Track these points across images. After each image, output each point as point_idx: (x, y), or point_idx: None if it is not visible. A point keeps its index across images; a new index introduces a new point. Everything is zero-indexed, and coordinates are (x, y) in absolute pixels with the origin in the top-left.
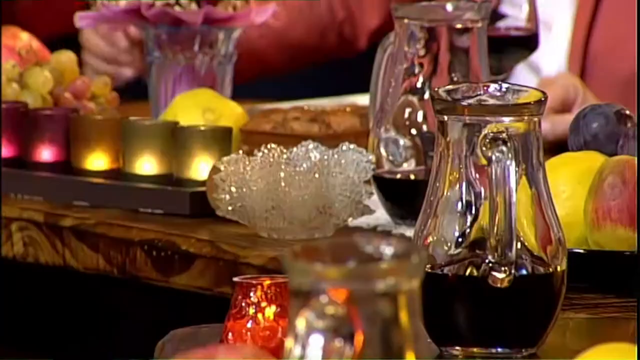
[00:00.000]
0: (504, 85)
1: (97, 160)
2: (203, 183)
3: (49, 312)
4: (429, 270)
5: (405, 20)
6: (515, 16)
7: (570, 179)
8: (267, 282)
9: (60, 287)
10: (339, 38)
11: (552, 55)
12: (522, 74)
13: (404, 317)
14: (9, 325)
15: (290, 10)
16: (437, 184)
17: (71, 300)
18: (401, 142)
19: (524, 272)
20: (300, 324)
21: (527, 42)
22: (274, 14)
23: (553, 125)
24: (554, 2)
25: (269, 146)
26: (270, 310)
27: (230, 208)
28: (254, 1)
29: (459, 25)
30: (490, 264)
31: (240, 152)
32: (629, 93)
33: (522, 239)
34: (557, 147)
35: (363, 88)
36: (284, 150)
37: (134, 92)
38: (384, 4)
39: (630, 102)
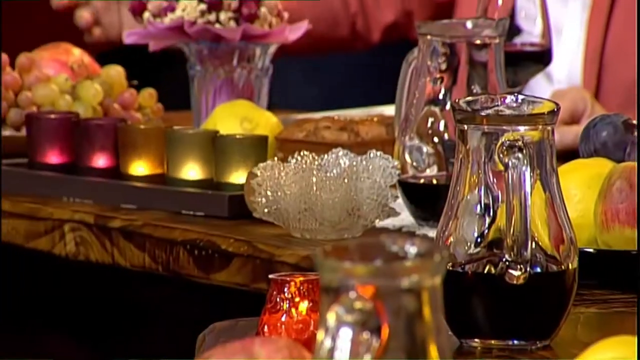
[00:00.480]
0: (520, 97)
1: (143, 166)
2: (241, 187)
3: (98, 306)
4: (450, 268)
5: (428, 37)
6: (529, 31)
7: (581, 183)
8: (300, 279)
9: (109, 284)
10: (351, 29)
11: (563, 61)
12: (535, 81)
13: (426, 311)
14: (62, 318)
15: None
16: (458, 188)
17: (119, 295)
18: (424, 149)
19: (538, 270)
20: (331, 318)
21: (541, 57)
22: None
23: (561, 136)
24: (564, 6)
25: (301, 153)
26: (303, 305)
27: (266, 210)
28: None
29: (477, 41)
30: (507, 263)
31: (275, 158)
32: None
33: (536, 239)
34: (568, 154)
35: (389, 99)
36: (316, 157)
37: (178, 104)
38: (399, 0)
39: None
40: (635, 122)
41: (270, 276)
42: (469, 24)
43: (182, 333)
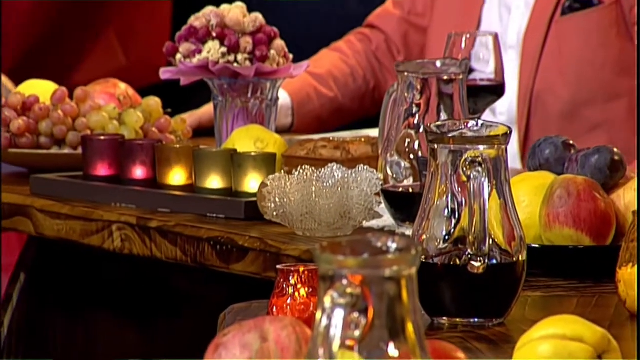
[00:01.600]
0: (479, 122)
1: (176, 178)
2: (254, 195)
3: (139, 291)
4: (423, 261)
5: (405, 74)
6: (481, 70)
7: (529, 192)
8: (302, 269)
9: (148, 273)
10: (372, 101)
11: (504, 99)
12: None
13: (404, 295)
14: (111, 301)
15: (341, 85)
16: (429, 196)
17: (156, 282)
18: (402, 164)
19: (494, 261)
20: (327, 300)
21: (495, 90)
22: (307, 69)
23: None
24: (504, 54)
25: (303, 167)
26: (305, 291)
27: (274, 213)
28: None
29: (445, 77)
30: (469, 256)
31: (282, 172)
32: (564, 124)
33: (493, 236)
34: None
35: (374, 124)
36: (315, 171)
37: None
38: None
39: (565, 131)
40: (572, 142)
41: (278, 267)
42: (438, 63)
43: (207, 313)
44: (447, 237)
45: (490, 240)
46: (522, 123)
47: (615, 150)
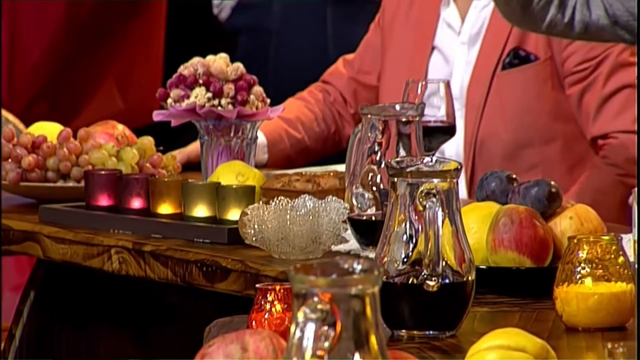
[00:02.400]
0: (434, 158)
1: (167, 208)
2: (236, 222)
3: (135, 307)
4: (385, 280)
5: (369, 116)
6: (433, 114)
7: (477, 220)
8: (278, 287)
9: (143, 291)
10: (333, 143)
11: (452, 142)
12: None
13: (368, 311)
14: (110, 315)
15: (307, 128)
16: (390, 223)
17: (150, 299)
18: (366, 195)
19: (447, 281)
20: (300, 315)
21: (448, 130)
22: (282, 111)
23: None
24: None
25: (279, 198)
26: (280, 307)
27: (254, 239)
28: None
29: (404, 119)
30: (425, 276)
31: (261, 202)
32: (505, 165)
33: (445, 259)
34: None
35: (341, 160)
36: (289, 201)
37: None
38: (354, 117)
39: (508, 169)
40: (515, 176)
41: (257, 285)
42: (397, 107)
43: (195, 326)
44: (405, 260)
45: (444, 262)
46: (469, 164)
47: (553, 182)
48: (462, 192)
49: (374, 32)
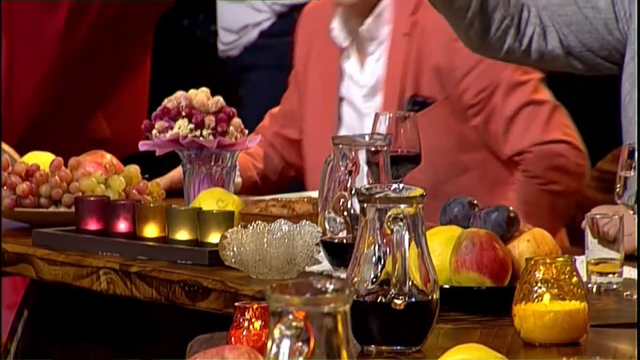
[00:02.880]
0: (401, 185)
1: (152, 231)
2: (216, 245)
3: (122, 324)
4: (355, 299)
5: (340, 146)
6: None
7: (441, 242)
8: (256, 306)
9: (129, 310)
10: (289, 174)
11: None
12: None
13: (340, 328)
14: (98, 332)
15: (265, 161)
16: (360, 246)
17: (136, 317)
18: (338, 220)
19: (413, 299)
20: (276, 332)
21: (413, 159)
22: (259, 143)
23: None
24: None
25: (257, 222)
26: (258, 324)
27: (233, 260)
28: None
29: (372, 149)
30: (392, 295)
31: (239, 226)
32: (429, 202)
33: (411, 279)
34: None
35: (315, 187)
36: (266, 225)
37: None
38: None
39: (431, 205)
40: (476, 201)
41: (236, 304)
42: (367, 137)
43: (178, 342)
44: (374, 280)
45: (410, 282)
46: None
47: (511, 208)
48: None
49: (291, 86)
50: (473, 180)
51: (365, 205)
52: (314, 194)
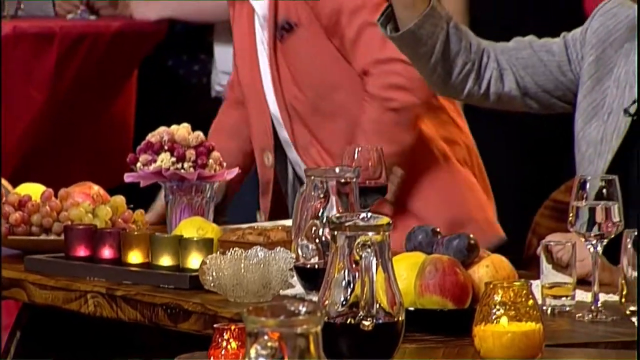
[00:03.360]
0: (369, 214)
1: (136, 257)
2: (196, 270)
3: (108, 345)
4: (326, 321)
5: (312, 177)
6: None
7: (406, 268)
8: (233, 327)
9: (115, 331)
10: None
11: (272, 104)
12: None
13: (312, 348)
14: (86, 352)
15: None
16: (331, 271)
17: (121, 338)
18: (310, 246)
19: (380, 321)
20: (252, 352)
21: (380, 190)
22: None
23: None
24: None
25: (234, 249)
26: (235, 344)
27: (212, 284)
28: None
29: (342, 180)
30: (361, 317)
31: (218, 252)
32: (314, 116)
33: (379, 302)
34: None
35: (288, 216)
36: (243, 252)
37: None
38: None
39: (315, 120)
40: (439, 229)
41: (215, 325)
42: (337, 170)
43: None
44: (344, 303)
45: (377, 305)
46: (287, 125)
47: (471, 236)
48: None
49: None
50: (347, 95)
51: (335, 233)
52: (288, 222)
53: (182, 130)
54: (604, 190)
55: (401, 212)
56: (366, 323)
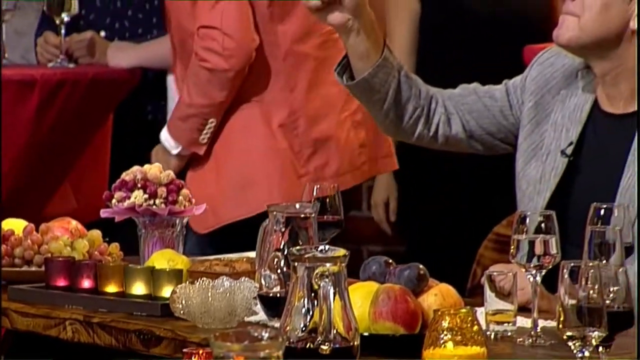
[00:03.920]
0: (327, 247)
1: (112, 287)
2: (167, 299)
3: None
4: (287, 345)
5: (274, 213)
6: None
7: (361, 296)
8: (201, 351)
9: (91, 355)
10: None
11: None
12: None
13: None
14: None
15: None
16: (291, 299)
17: None
18: (272, 276)
19: (337, 346)
20: None
21: (337, 224)
22: (204, 210)
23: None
24: None
25: (202, 279)
26: None
27: (182, 312)
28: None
29: (302, 215)
30: (320, 342)
31: (187, 282)
32: None
33: (336, 328)
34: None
35: (252, 249)
36: (210, 281)
37: (132, 251)
38: None
39: None
40: (391, 260)
41: (184, 350)
42: (297, 206)
43: None
44: (304, 328)
45: (335, 331)
46: None
47: (421, 266)
48: None
49: None
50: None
51: (296, 264)
52: (252, 254)
53: (154, 169)
54: (543, 225)
55: None
56: (324, 347)
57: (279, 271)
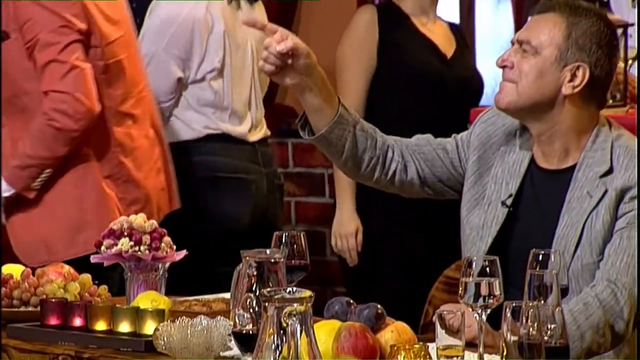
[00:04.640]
0: (295, 289)
1: (101, 325)
2: (150, 336)
3: None
4: None
5: (247, 258)
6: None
7: (325, 333)
8: None
9: None
10: None
11: None
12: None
13: None
14: None
15: None
16: (262, 336)
17: None
18: (245, 315)
19: None
20: None
21: (304, 268)
22: (185, 256)
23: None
24: None
25: (182, 318)
26: None
27: (164, 347)
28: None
29: (272, 260)
30: None
31: (169, 321)
32: None
33: None
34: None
35: (227, 289)
36: (190, 320)
37: (119, 293)
38: None
39: None
40: (352, 301)
41: None
42: (268, 252)
43: None
44: None
45: None
46: None
47: (379, 306)
48: None
49: None
50: (33, 100)
51: (266, 304)
52: (227, 295)
53: (138, 219)
54: (487, 269)
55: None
56: None
57: (251, 310)
